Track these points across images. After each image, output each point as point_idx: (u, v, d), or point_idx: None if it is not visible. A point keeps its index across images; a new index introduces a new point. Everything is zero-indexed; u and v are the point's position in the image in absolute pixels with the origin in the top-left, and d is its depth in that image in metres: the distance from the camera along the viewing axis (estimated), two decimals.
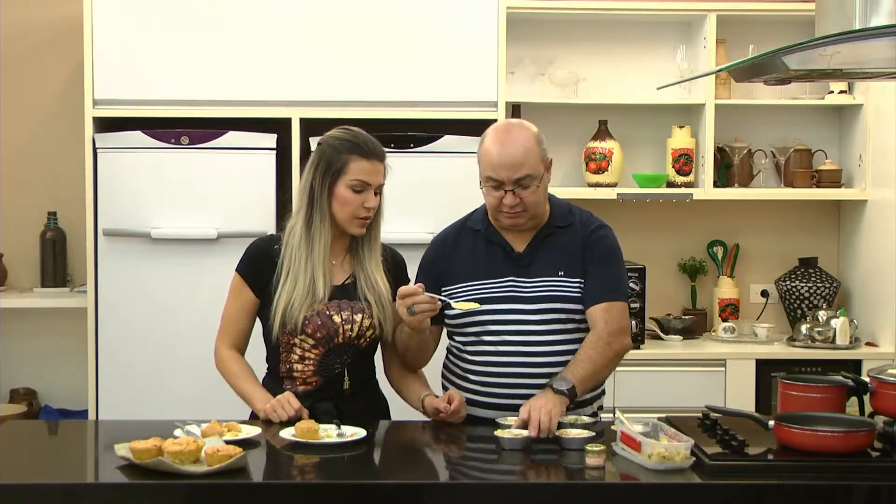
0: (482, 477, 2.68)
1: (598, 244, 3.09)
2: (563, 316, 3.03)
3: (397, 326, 3.10)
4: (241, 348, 3.16)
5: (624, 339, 3.07)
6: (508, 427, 2.78)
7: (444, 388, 3.18)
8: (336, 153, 3.04)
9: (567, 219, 3.13)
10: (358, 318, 3.05)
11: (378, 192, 3.08)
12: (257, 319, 3.15)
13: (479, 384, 3.07)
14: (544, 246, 3.09)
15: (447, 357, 3.20)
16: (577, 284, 3.05)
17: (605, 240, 3.12)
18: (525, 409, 2.82)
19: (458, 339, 3.13)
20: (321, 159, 3.05)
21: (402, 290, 2.94)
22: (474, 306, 2.99)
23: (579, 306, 3.05)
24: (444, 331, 3.18)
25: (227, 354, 3.13)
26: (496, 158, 2.99)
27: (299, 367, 3.07)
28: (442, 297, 2.99)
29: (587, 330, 3.04)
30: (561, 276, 3.05)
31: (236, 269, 3.14)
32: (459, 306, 3.00)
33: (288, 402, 2.95)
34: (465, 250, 3.13)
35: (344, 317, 3.04)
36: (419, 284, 2.95)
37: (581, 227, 3.11)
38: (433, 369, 3.27)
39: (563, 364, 2.99)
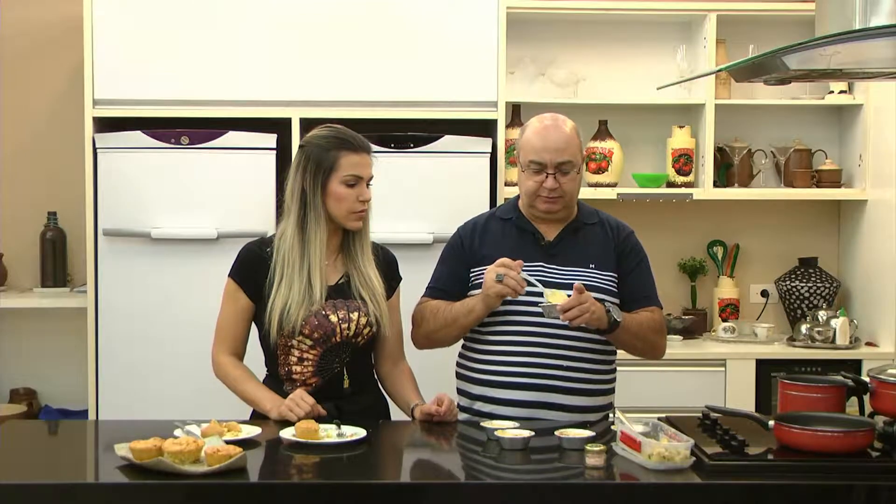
0: (482, 477, 2.68)
1: (636, 251, 3.23)
2: None
3: (442, 307, 3.13)
4: (240, 354, 3.15)
5: (665, 339, 3.24)
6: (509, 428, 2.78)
7: (458, 378, 3.20)
8: (323, 151, 3.05)
9: (593, 217, 3.25)
10: (354, 316, 3.05)
11: (369, 184, 3.08)
12: (253, 325, 3.14)
13: (499, 364, 3.09)
14: (575, 239, 3.18)
15: (462, 346, 3.23)
16: (609, 278, 3.14)
17: (639, 246, 3.25)
18: (579, 291, 2.92)
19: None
20: (308, 160, 3.06)
21: (505, 260, 2.99)
22: (563, 297, 2.97)
23: (611, 298, 3.11)
24: None
25: (226, 360, 3.11)
26: (541, 143, 3.13)
27: (298, 368, 3.06)
28: (533, 281, 3.02)
29: None
30: (592, 268, 3.14)
31: (229, 275, 3.12)
32: (549, 296, 2.99)
33: (302, 398, 2.94)
34: (494, 236, 3.20)
35: (340, 316, 3.04)
36: (519, 262, 3.00)
37: (611, 229, 3.22)
38: (437, 371, 3.28)
39: (587, 350, 3.07)
